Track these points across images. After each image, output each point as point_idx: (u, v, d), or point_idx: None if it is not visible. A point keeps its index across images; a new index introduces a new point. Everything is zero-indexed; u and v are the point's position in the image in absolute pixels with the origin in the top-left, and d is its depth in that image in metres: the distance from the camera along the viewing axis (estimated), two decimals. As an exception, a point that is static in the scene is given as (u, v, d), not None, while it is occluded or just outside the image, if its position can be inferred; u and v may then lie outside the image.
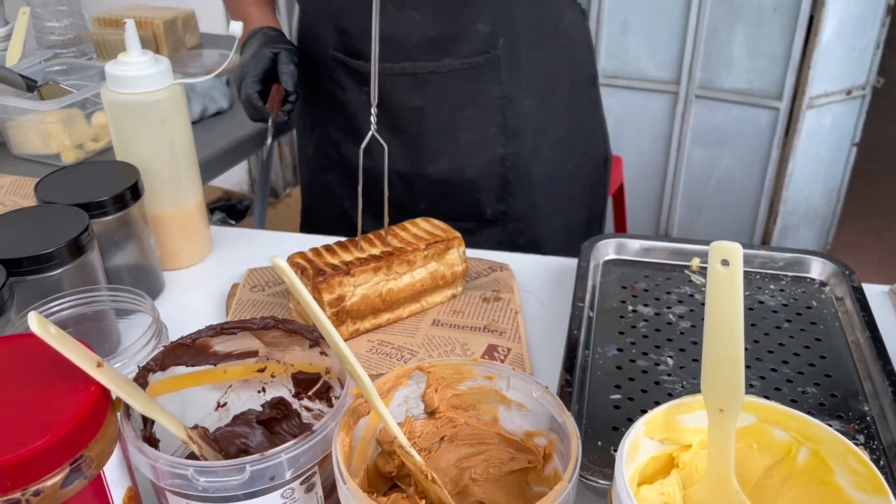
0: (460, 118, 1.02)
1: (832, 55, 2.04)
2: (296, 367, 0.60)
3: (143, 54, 0.81)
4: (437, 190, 1.05)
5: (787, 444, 0.49)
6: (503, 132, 1.03)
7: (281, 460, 0.47)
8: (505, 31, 0.98)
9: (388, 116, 1.02)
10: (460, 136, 1.03)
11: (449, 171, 1.05)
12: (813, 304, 0.78)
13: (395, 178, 1.06)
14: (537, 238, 1.09)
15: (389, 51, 0.98)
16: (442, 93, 1.00)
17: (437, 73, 0.99)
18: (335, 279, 0.74)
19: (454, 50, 0.98)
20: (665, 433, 0.50)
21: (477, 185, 1.06)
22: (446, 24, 0.97)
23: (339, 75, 1.05)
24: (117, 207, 0.78)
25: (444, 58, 0.98)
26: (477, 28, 0.97)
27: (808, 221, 2.30)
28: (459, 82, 1.00)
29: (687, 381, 0.68)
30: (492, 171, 1.05)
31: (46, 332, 0.44)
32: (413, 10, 0.96)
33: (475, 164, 1.04)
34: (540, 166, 1.07)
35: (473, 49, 0.98)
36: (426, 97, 1.00)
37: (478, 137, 1.03)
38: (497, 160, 1.04)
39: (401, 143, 1.04)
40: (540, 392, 0.52)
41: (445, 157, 1.04)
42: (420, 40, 0.97)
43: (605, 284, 0.81)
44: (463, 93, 1.00)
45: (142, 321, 0.70)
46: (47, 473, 0.43)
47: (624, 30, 2.20)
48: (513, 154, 1.04)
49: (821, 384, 0.67)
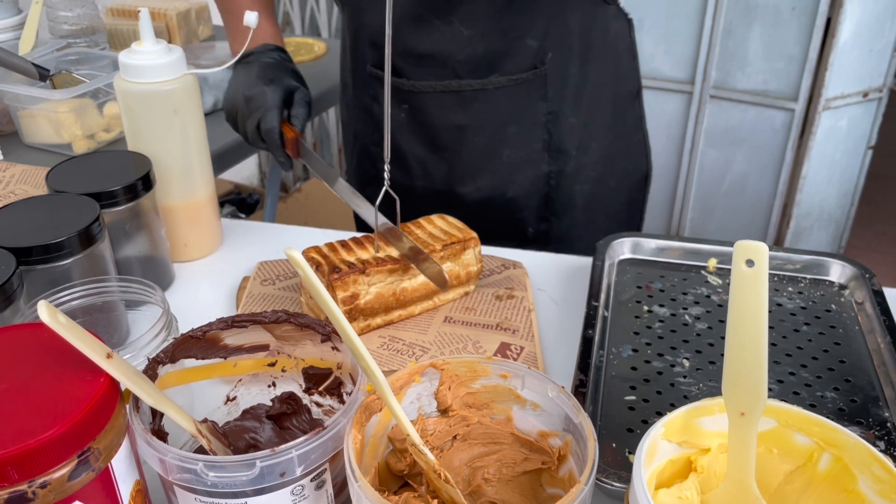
0: (504, 135, 0.98)
1: (849, 57, 2.01)
2: (307, 362, 0.59)
3: (157, 43, 0.81)
4: (478, 209, 1.02)
5: (809, 450, 0.48)
6: (547, 149, 1.00)
7: (292, 456, 0.46)
8: (554, 46, 0.95)
9: (427, 134, 0.99)
10: (503, 154, 1.00)
11: (491, 189, 1.01)
12: (832, 308, 0.76)
13: (433, 196, 1.03)
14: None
15: (434, 68, 0.95)
16: (487, 110, 0.97)
17: (484, 90, 0.95)
18: (350, 277, 0.73)
19: (502, 66, 0.95)
20: (684, 436, 0.49)
21: (520, 205, 1.02)
22: (495, 39, 0.93)
23: (376, 91, 1.02)
24: (128, 198, 0.78)
25: (492, 75, 0.95)
26: (526, 43, 0.94)
27: (821, 224, 2.28)
28: (505, 99, 0.96)
29: (703, 383, 0.67)
30: (535, 190, 1.02)
31: (56, 321, 0.43)
32: (461, 25, 0.92)
33: (518, 182, 1.01)
34: (583, 185, 1.03)
35: (521, 65, 0.95)
36: (470, 115, 0.97)
37: (522, 155, 1.00)
38: (541, 178, 1.01)
39: (440, 161, 1.01)
40: (556, 392, 0.51)
41: (487, 176, 1.01)
42: (467, 57, 0.94)
43: (619, 284, 0.80)
44: (508, 109, 0.97)
45: (151, 313, 0.70)
46: (54, 465, 0.42)
47: (639, 28, 2.17)
48: (557, 172, 1.01)
49: (840, 389, 0.66)
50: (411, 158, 1.03)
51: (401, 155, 1.03)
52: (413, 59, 0.96)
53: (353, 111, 1.10)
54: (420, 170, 1.03)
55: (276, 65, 0.93)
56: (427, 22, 0.93)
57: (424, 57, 0.95)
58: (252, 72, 0.92)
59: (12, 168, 1.00)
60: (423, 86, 0.96)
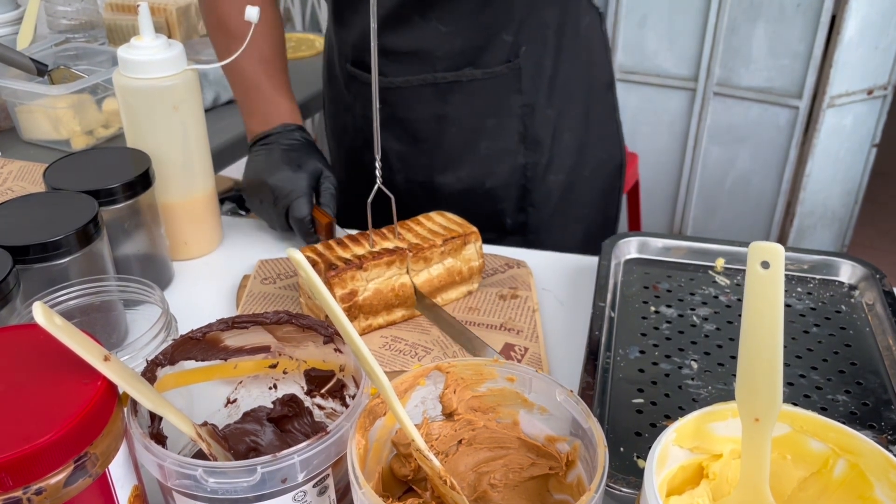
0: (482, 127, 1.00)
1: (854, 54, 2.00)
2: (309, 364, 0.58)
3: (157, 38, 0.80)
4: (458, 200, 1.03)
5: (824, 456, 0.47)
6: (523, 141, 1.01)
7: (294, 462, 0.45)
8: (528, 40, 0.96)
9: (408, 127, 1.00)
10: (481, 146, 1.01)
11: (469, 180, 1.02)
12: (842, 308, 0.75)
13: (415, 187, 1.04)
14: (556, 246, 1.07)
15: (413, 64, 0.96)
16: (463, 102, 0.98)
17: (459, 82, 0.96)
18: (347, 273, 0.72)
19: (477, 61, 0.96)
20: (695, 441, 0.47)
21: (498, 196, 1.04)
22: (472, 35, 0.94)
23: (357, 89, 1.03)
24: (127, 195, 0.77)
25: (467, 67, 0.96)
26: (502, 38, 0.95)
27: (825, 223, 2.27)
28: (482, 91, 0.97)
29: (712, 385, 0.65)
30: (512, 182, 1.03)
31: (52, 323, 0.42)
32: (439, 23, 0.93)
33: (496, 173, 1.02)
34: (558, 175, 1.04)
35: (497, 59, 0.96)
36: (447, 106, 0.98)
37: (499, 146, 1.01)
38: (517, 169, 1.02)
39: (420, 153, 1.02)
40: (564, 396, 0.50)
41: (466, 167, 1.02)
42: (445, 53, 0.95)
43: (626, 284, 0.79)
44: (485, 102, 0.98)
45: (150, 312, 0.68)
46: (50, 471, 0.41)
47: (642, 24, 2.17)
48: (532, 164, 1.02)
49: (851, 392, 0.65)
50: (391, 154, 1.03)
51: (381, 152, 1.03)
52: (391, 57, 0.96)
53: (337, 106, 1.10)
54: (400, 164, 1.03)
55: (300, 147, 0.92)
56: (406, 20, 0.93)
57: (403, 55, 0.96)
58: (275, 155, 0.90)
59: (9, 164, 0.99)
60: (401, 81, 0.97)
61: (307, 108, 1.39)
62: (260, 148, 0.92)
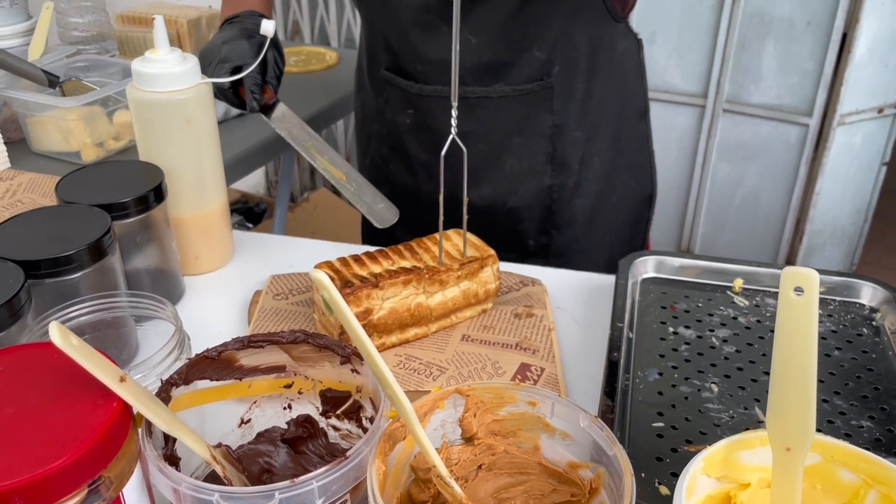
0: (508, 145, 0.99)
1: (865, 72, 1.99)
2: (324, 384, 0.57)
3: (172, 51, 0.79)
4: (480, 217, 1.00)
5: (855, 487, 0.46)
6: (551, 162, 1.00)
7: (312, 488, 0.44)
8: (561, 59, 0.95)
9: (434, 139, 1.00)
10: (507, 163, 1.00)
11: (492, 198, 1.01)
12: (863, 332, 0.74)
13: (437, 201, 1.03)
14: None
15: (442, 73, 0.96)
16: (492, 118, 0.97)
17: (489, 98, 0.96)
18: (363, 292, 0.71)
19: (508, 76, 0.95)
20: (724, 470, 0.46)
21: (521, 216, 1.02)
22: (502, 49, 0.93)
23: (388, 94, 1.03)
24: (140, 209, 0.76)
25: (497, 83, 0.95)
26: (533, 54, 0.94)
27: (834, 241, 2.26)
28: (510, 108, 0.96)
29: (733, 409, 0.64)
30: (536, 203, 1.02)
31: (68, 343, 0.41)
32: (470, 33, 0.92)
33: (520, 193, 1.01)
34: (584, 199, 1.03)
35: (527, 76, 0.95)
36: (476, 122, 0.97)
37: (525, 166, 1.00)
38: (543, 191, 1.01)
39: (445, 167, 1.01)
40: (588, 421, 0.48)
41: (489, 184, 1.01)
42: (474, 65, 0.94)
43: (643, 304, 0.78)
44: (513, 119, 0.97)
45: (161, 328, 0.67)
46: (64, 496, 0.40)
47: (651, 41, 2.17)
48: (559, 185, 1.01)
49: (876, 418, 0.63)
50: (416, 163, 1.04)
51: (408, 159, 1.05)
52: (422, 64, 0.97)
53: (367, 112, 1.10)
54: (425, 174, 1.04)
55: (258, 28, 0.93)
56: (435, 28, 0.93)
57: (433, 62, 0.96)
58: (235, 29, 0.92)
59: (20, 176, 0.98)
60: (430, 90, 0.97)
61: (316, 123, 1.38)
62: (225, 25, 0.95)
